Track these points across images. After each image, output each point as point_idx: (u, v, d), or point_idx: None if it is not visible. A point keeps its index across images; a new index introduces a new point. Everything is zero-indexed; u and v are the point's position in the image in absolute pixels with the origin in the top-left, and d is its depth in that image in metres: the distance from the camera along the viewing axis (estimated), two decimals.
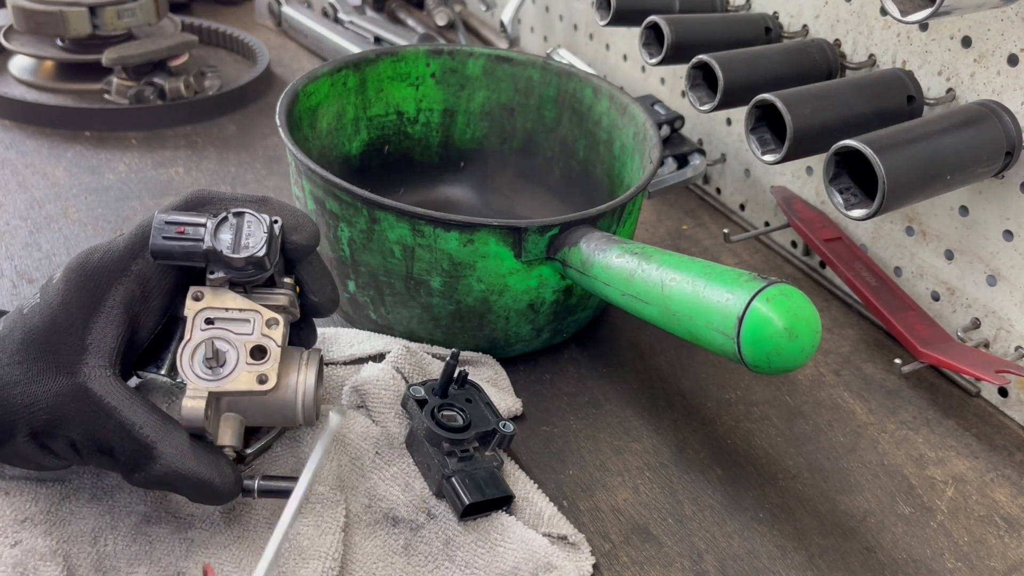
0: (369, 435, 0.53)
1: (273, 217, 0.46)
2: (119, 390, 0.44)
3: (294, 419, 0.48)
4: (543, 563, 0.47)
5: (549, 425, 0.59)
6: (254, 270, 0.46)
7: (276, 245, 0.46)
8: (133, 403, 0.44)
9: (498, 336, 0.61)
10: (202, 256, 0.45)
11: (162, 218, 0.45)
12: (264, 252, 0.45)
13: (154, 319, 0.47)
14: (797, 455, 0.58)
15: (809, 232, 0.72)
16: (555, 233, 0.57)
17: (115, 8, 0.94)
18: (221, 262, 0.45)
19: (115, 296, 0.45)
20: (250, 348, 0.46)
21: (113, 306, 0.45)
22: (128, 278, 0.46)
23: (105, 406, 0.43)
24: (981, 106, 0.57)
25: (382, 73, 0.74)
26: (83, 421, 0.43)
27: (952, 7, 0.50)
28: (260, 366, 0.46)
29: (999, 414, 0.63)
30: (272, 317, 0.46)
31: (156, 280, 0.47)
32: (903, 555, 0.52)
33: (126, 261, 0.46)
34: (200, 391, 0.44)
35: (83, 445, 0.44)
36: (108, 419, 0.43)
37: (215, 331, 0.46)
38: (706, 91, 0.65)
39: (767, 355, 0.45)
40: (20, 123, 0.90)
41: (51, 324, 0.45)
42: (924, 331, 0.64)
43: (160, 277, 0.47)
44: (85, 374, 0.44)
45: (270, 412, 0.48)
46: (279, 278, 0.49)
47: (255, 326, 0.46)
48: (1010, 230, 0.60)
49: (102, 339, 0.45)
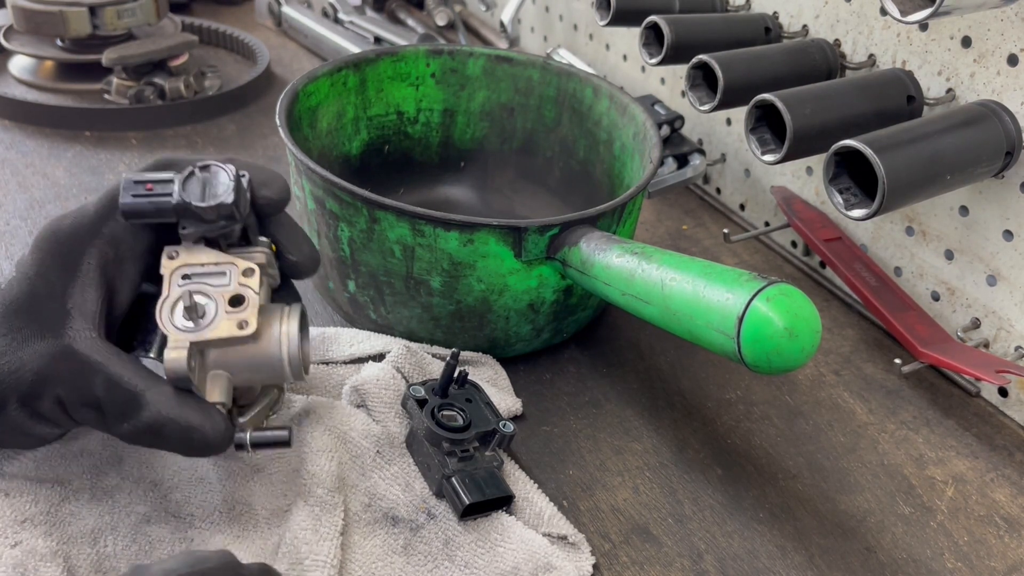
0: (370, 434, 0.53)
1: (240, 171, 0.47)
2: (104, 348, 0.44)
3: (281, 372, 0.47)
4: (543, 563, 0.47)
5: (549, 425, 0.59)
6: (225, 221, 0.46)
7: (245, 197, 0.47)
8: (120, 359, 0.44)
9: (498, 336, 0.61)
10: (172, 211, 0.45)
11: (130, 178, 0.45)
12: (232, 200, 0.45)
13: (130, 283, 0.47)
14: (797, 455, 0.58)
15: (809, 232, 0.72)
16: (555, 233, 0.57)
17: (115, 8, 0.94)
18: (192, 215, 0.45)
19: (90, 260, 0.46)
20: (228, 297, 0.46)
21: (89, 270, 0.45)
22: (101, 240, 0.46)
23: (91, 363, 0.44)
24: (981, 106, 0.57)
25: (382, 73, 0.74)
26: (69, 379, 0.44)
27: (952, 7, 0.50)
28: (239, 313, 0.46)
29: (999, 414, 0.63)
30: (248, 267, 0.47)
31: (129, 243, 0.47)
32: (903, 555, 0.52)
33: (97, 225, 0.46)
34: (181, 342, 0.44)
35: (70, 401, 0.44)
36: (95, 374, 0.44)
37: (192, 285, 0.46)
38: (706, 91, 0.65)
39: (767, 355, 0.45)
40: (20, 123, 0.90)
41: (30, 293, 0.45)
42: (924, 331, 0.64)
43: (133, 240, 0.47)
44: (70, 336, 0.44)
45: (256, 366, 0.47)
46: (254, 237, 0.49)
47: (232, 277, 0.46)
48: (1010, 230, 0.60)
49: (83, 303, 0.45)
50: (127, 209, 0.45)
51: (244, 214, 0.46)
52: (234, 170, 0.46)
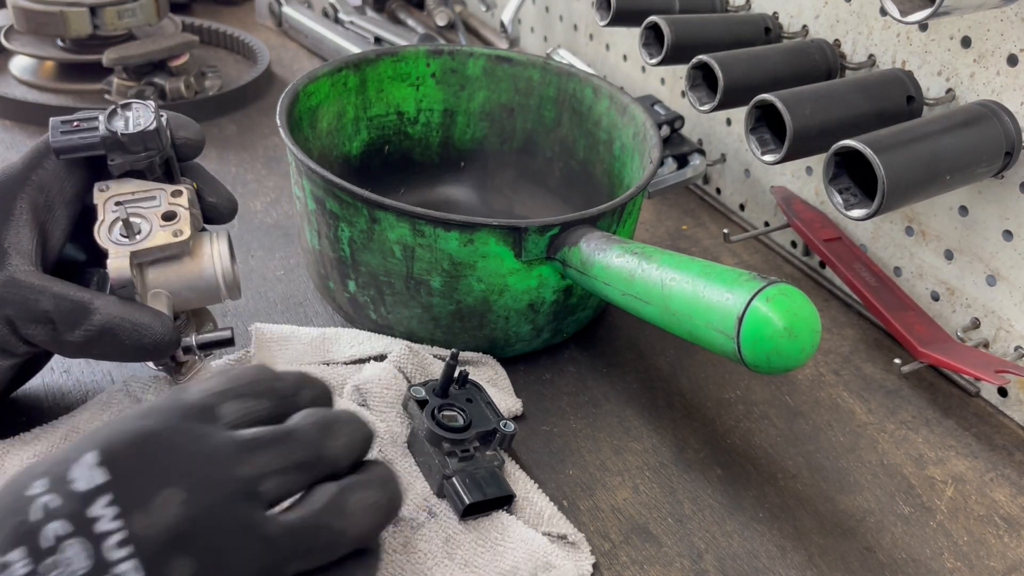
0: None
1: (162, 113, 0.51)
2: (45, 277, 0.47)
3: (216, 289, 0.51)
4: (543, 562, 0.47)
5: (549, 425, 0.59)
6: (149, 150, 0.49)
7: (164, 131, 0.50)
8: (61, 282, 0.47)
9: (498, 336, 0.61)
10: (100, 143, 0.49)
11: (57, 119, 0.49)
12: (155, 127, 0.49)
13: (60, 228, 0.50)
14: (797, 455, 0.58)
15: (809, 232, 0.72)
16: (555, 233, 0.57)
17: (115, 8, 0.94)
18: (118, 147, 0.49)
19: (21, 204, 0.48)
20: (161, 214, 0.49)
21: (21, 213, 0.48)
22: (30, 187, 0.49)
23: (36, 287, 0.47)
24: (981, 106, 0.57)
25: (382, 73, 0.74)
26: (17, 300, 0.46)
27: (952, 7, 0.50)
28: (173, 224, 0.49)
29: (999, 414, 0.63)
30: (176, 189, 0.51)
31: (57, 188, 0.50)
32: (903, 555, 0.52)
33: (25, 173, 0.49)
34: (122, 252, 0.48)
35: (19, 319, 0.46)
36: (40, 293, 0.46)
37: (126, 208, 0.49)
38: (706, 91, 0.66)
39: (767, 355, 0.45)
40: (20, 123, 0.90)
41: None
42: (924, 331, 0.64)
43: (60, 184, 0.50)
44: (10, 270, 0.46)
45: (192, 284, 0.50)
46: (176, 176, 0.52)
47: (161, 199, 0.50)
48: (1010, 230, 0.60)
49: (18, 242, 0.47)
50: (58, 146, 0.48)
51: (165, 145, 0.50)
52: (154, 105, 0.50)
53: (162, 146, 0.50)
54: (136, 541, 0.32)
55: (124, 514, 0.32)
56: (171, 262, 0.50)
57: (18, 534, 0.32)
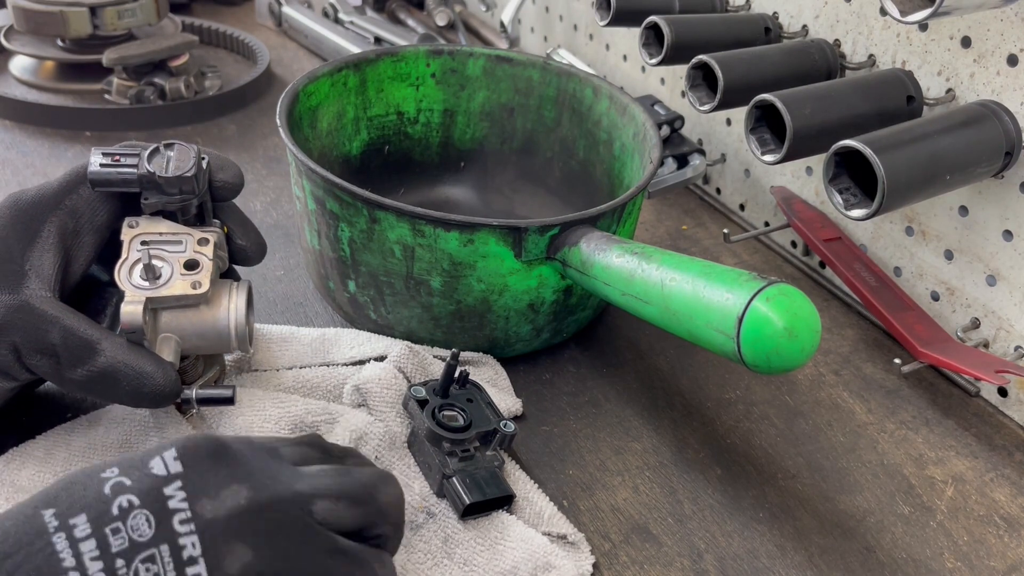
0: (371, 434, 0.53)
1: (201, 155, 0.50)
2: (59, 306, 0.47)
3: (227, 341, 0.51)
4: (542, 562, 0.47)
5: (549, 425, 0.59)
6: (184, 195, 0.49)
7: (204, 175, 0.50)
8: (75, 314, 0.47)
9: (498, 336, 0.61)
10: (137, 181, 0.49)
11: (99, 150, 0.49)
12: (193, 173, 0.48)
13: (85, 254, 0.50)
14: (797, 455, 0.58)
15: (809, 232, 0.72)
16: (555, 233, 0.57)
17: (115, 8, 0.94)
18: (154, 186, 0.49)
19: (49, 227, 0.48)
20: (183, 262, 0.49)
21: (48, 236, 0.48)
22: (62, 211, 0.49)
23: (48, 316, 0.46)
24: (981, 106, 0.57)
25: (382, 73, 0.74)
26: (25, 328, 0.46)
27: (952, 7, 0.50)
28: (193, 275, 0.49)
29: (999, 414, 0.63)
30: (203, 236, 0.50)
31: (88, 215, 0.50)
32: (903, 555, 0.52)
33: (59, 196, 0.49)
34: (137, 297, 0.47)
35: (25, 348, 0.46)
36: (50, 324, 0.46)
37: (151, 249, 0.49)
38: (706, 91, 0.66)
39: (767, 355, 0.45)
40: (20, 123, 0.90)
41: None
42: (924, 331, 0.64)
43: (91, 212, 0.50)
44: (27, 294, 0.46)
45: (204, 332, 0.50)
46: (208, 218, 0.52)
47: (187, 245, 0.50)
48: (1010, 230, 0.60)
49: (40, 266, 0.47)
50: (95, 177, 0.48)
51: (202, 190, 0.50)
52: (196, 148, 0.49)
53: (198, 190, 0.49)
54: (199, 521, 0.34)
55: (192, 498, 0.35)
56: (186, 309, 0.50)
57: (86, 502, 0.34)
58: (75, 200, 0.49)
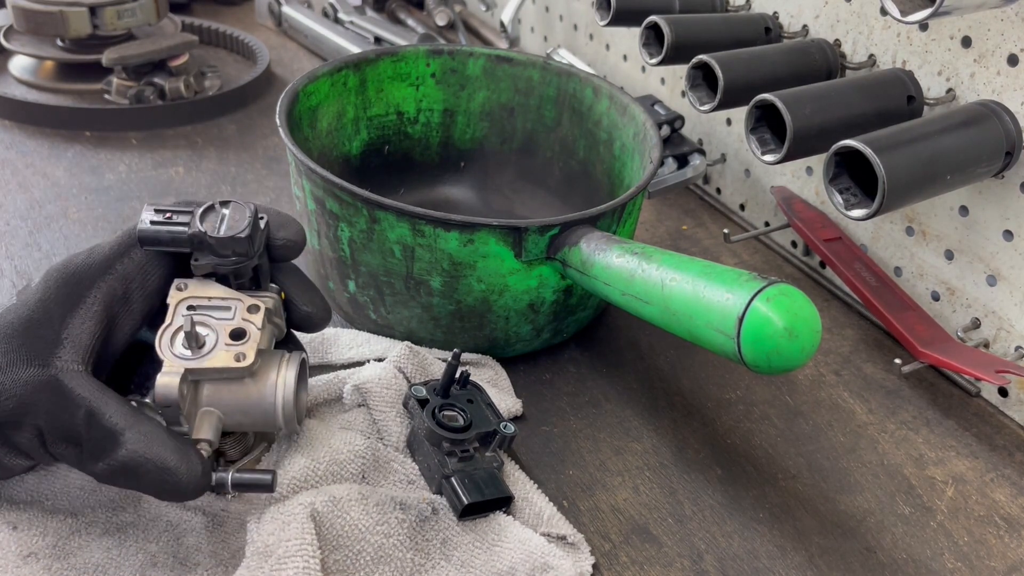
0: (371, 434, 0.53)
1: (260, 213, 0.47)
2: (90, 383, 0.44)
3: (272, 418, 0.47)
4: (540, 563, 0.47)
5: (549, 425, 0.59)
6: (237, 257, 0.46)
7: (261, 237, 0.47)
8: (104, 395, 0.44)
9: (498, 336, 0.61)
10: (187, 241, 0.46)
11: (151, 206, 0.46)
12: (247, 234, 0.45)
13: (132, 321, 0.47)
14: (797, 455, 0.58)
15: (809, 232, 0.72)
16: (555, 233, 0.57)
17: (115, 8, 0.94)
18: (205, 247, 0.46)
19: (96, 294, 0.46)
20: (229, 331, 0.46)
21: (93, 303, 0.45)
22: (112, 276, 0.46)
23: (75, 396, 0.43)
24: (981, 106, 0.57)
25: (382, 73, 0.74)
26: (51, 410, 0.43)
27: (952, 7, 0.50)
28: (239, 346, 0.45)
29: (999, 414, 0.63)
30: (253, 304, 0.47)
31: (139, 281, 0.47)
32: (903, 555, 0.52)
33: (111, 260, 0.47)
34: (176, 368, 0.44)
35: (49, 434, 0.43)
36: (77, 408, 0.43)
37: (195, 315, 0.46)
38: (706, 91, 0.65)
39: (767, 355, 0.45)
40: (20, 123, 0.90)
41: (27, 321, 0.44)
42: (924, 331, 0.64)
43: (143, 278, 0.47)
44: (57, 367, 0.43)
45: (248, 408, 0.46)
46: (265, 282, 0.49)
47: (236, 312, 0.46)
48: (1010, 230, 0.60)
49: (78, 335, 0.45)
50: (144, 235, 0.46)
51: (257, 252, 0.47)
52: (254, 208, 0.46)
53: (252, 253, 0.46)
54: None
55: None
56: (230, 382, 0.46)
57: None
58: (127, 264, 0.47)
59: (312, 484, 0.49)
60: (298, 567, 0.43)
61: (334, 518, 0.46)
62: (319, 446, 0.50)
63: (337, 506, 0.47)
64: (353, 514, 0.47)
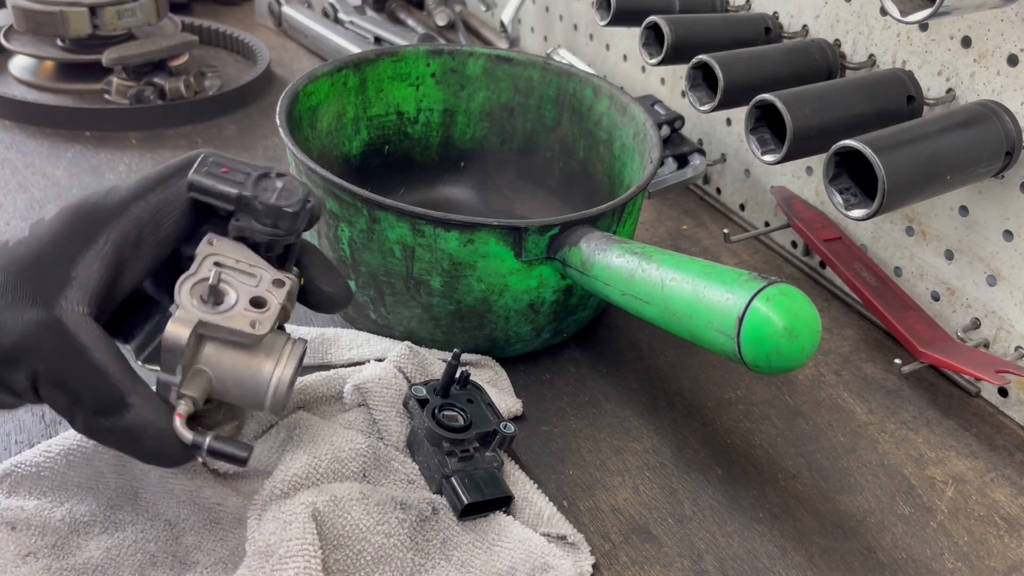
0: (371, 433, 0.53)
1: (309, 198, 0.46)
2: (93, 331, 0.43)
3: (261, 398, 0.46)
4: (540, 563, 0.47)
5: (549, 425, 0.59)
6: (277, 229, 0.45)
7: (304, 218, 0.46)
8: (106, 347, 0.43)
9: (498, 336, 0.61)
10: (235, 199, 0.45)
11: (210, 155, 0.46)
12: (294, 210, 0.45)
13: (140, 267, 0.46)
14: (797, 455, 0.58)
15: (809, 232, 0.72)
16: (555, 233, 0.57)
17: (115, 8, 0.94)
18: (250, 210, 0.45)
19: (109, 234, 0.44)
20: (251, 297, 0.45)
21: (105, 243, 0.44)
22: (126, 218, 0.45)
23: (77, 344, 0.42)
24: (981, 106, 0.57)
25: (382, 73, 0.74)
26: (50, 355, 0.42)
27: (952, 7, 0.50)
28: (257, 314, 0.45)
29: (999, 414, 0.63)
30: (279, 278, 0.46)
31: (152, 227, 0.46)
32: (903, 555, 0.52)
33: (127, 202, 0.45)
34: (191, 317, 0.43)
35: (44, 380, 0.42)
36: (78, 358, 0.42)
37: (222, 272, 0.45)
38: (706, 91, 0.65)
39: (767, 355, 0.45)
40: (20, 123, 0.90)
41: (37, 256, 0.43)
42: (924, 331, 0.64)
43: (156, 222, 0.46)
44: (62, 307, 0.42)
45: (241, 381, 0.46)
46: (289, 265, 0.48)
47: (261, 282, 0.46)
48: (1010, 230, 0.60)
49: (87, 276, 0.43)
50: (195, 182, 0.45)
51: (298, 231, 0.46)
52: (307, 189, 0.46)
53: (292, 230, 0.46)
54: None
55: None
56: (234, 348, 0.45)
57: None
58: (142, 207, 0.45)
59: (314, 481, 0.49)
60: (299, 567, 0.43)
61: (335, 518, 0.46)
62: (321, 443, 0.50)
63: (338, 506, 0.47)
64: (354, 514, 0.47)
